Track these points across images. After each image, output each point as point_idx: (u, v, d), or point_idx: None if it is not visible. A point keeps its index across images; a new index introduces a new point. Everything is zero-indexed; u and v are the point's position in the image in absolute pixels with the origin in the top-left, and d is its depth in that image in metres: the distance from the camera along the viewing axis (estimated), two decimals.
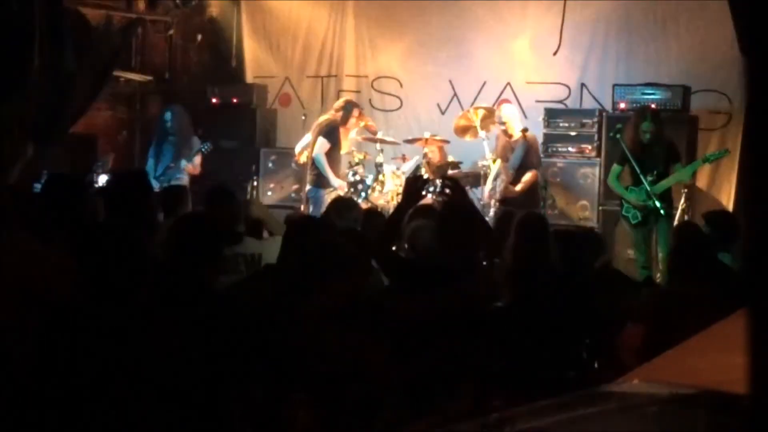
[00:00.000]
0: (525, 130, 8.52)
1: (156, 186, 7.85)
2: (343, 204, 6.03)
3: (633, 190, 7.60)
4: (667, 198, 7.49)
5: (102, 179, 8.76)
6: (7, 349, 3.21)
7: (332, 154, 8.78)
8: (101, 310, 3.05)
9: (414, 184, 4.51)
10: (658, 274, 7.11)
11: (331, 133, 8.75)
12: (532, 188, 8.48)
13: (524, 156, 8.44)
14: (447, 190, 4.53)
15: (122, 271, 3.13)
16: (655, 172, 7.46)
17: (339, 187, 8.63)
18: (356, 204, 6.46)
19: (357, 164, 9.29)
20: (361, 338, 3.42)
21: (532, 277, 4.36)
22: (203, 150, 8.90)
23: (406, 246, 4.90)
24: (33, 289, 3.35)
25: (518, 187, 8.42)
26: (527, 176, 8.43)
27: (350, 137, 9.18)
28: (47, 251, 3.57)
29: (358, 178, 9.17)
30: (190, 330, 3.17)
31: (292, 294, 3.56)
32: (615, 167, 7.80)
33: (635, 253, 7.78)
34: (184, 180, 8.75)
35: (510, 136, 8.60)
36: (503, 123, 8.68)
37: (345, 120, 8.92)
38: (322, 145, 8.74)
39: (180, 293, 3.36)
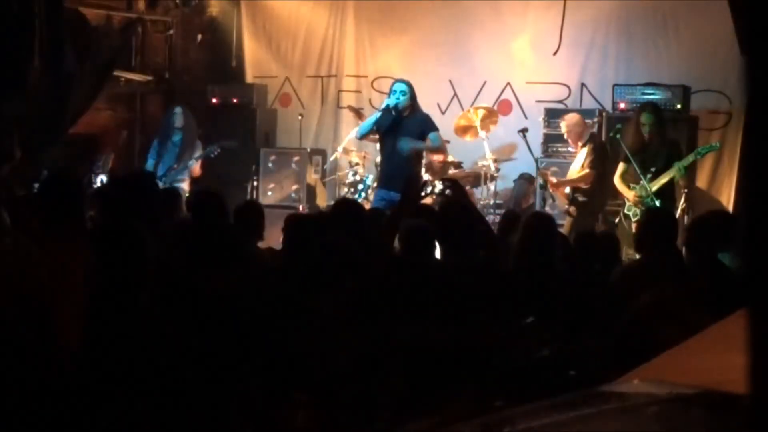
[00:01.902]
0: (525, 130, 8.51)
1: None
2: (347, 205, 6.02)
3: (633, 188, 7.64)
4: (668, 196, 7.50)
5: (101, 179, 8.75)
6: (6, 350, 3.21)
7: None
8: (101, 310, 3.05)
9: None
10: None
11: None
12: (587, 192, 8.31)
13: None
14: (447, 191, 4.54)
15: (123, 271, 3.13)
16: (653, 170, 7.48)
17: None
18: (361, 205, 6.45)
19: (357, 164, 9.30)
20: (361, 338, 3.42)
21: (535, 277, 4.36)
22: (212, 155, 8.85)
23: (406, 246, 4.90)
24: (31, 290, 3.35)
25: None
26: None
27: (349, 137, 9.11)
28: (46, 252, 3.57)
29: (358, 178, 9.17)
30: (191, 330, 3.17)
31: (294, 294, 3.57)
32: (621, 165, 7.82)
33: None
34: (186, 181, 8.74)
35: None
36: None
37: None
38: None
39: (181, 293, 3.36)
